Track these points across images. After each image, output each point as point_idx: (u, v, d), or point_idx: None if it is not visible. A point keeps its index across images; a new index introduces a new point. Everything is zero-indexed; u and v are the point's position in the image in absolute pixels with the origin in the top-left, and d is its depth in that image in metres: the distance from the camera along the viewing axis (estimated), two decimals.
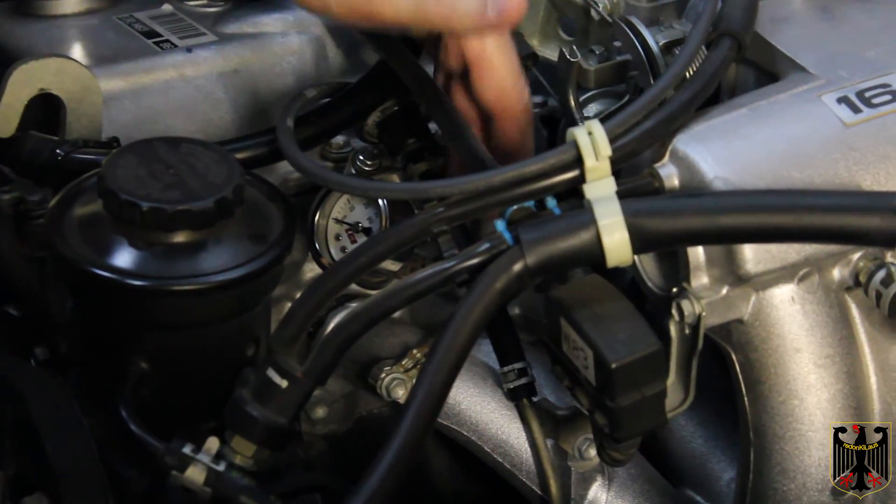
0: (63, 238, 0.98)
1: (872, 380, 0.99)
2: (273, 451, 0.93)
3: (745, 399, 0.99)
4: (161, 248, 0.97)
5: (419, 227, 0.93)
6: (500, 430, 1.15)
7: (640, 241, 0.88)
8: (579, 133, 0.91)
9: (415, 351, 1.16)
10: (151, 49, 1.22)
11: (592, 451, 1.10)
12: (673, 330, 0.93)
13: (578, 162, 0.91)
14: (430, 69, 1.14)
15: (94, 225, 0.98)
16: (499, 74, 1.06)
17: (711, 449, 1.18)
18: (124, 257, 0.96)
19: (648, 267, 0.97)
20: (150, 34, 1.24)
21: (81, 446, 0.94)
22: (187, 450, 0.91)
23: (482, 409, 1.15)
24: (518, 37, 1.24)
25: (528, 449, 1.13)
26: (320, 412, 1.24)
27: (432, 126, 1.17)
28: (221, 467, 0.91)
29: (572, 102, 1.13)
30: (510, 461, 1.15)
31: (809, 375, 0.97)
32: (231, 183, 0.98)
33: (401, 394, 1.14)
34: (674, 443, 1.19)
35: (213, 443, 0.92)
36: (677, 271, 0.95)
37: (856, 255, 0.97)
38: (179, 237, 0.97)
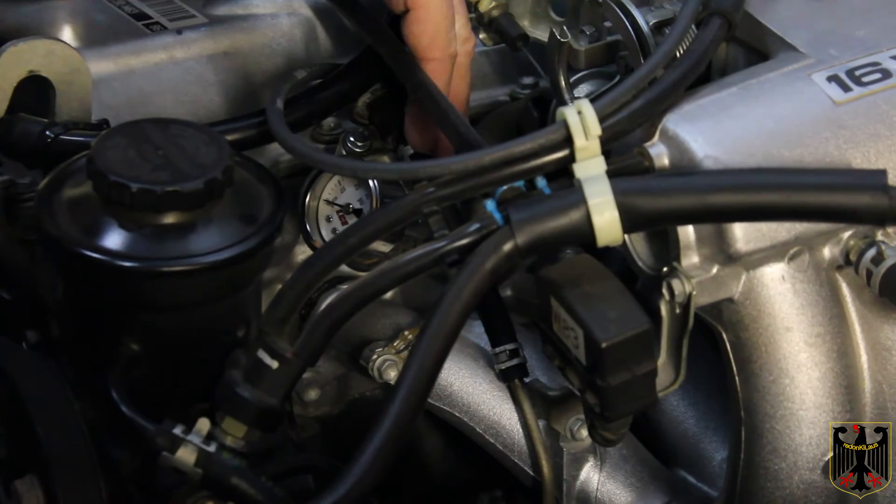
0: (53, 220, 0.97)
1: (863, 358, 0.99)
2: (264, 432, 0.93)
3: (736, 378, 0.99)
4: (151, 230, 0.97)
5: (409, 208, 0.93)
6: (492, 410, 1.15)
7: (631, 221, 0.88)
8: (569, 112, 0.91)
9: (406, 332, 1.16)
10: (141, 31, 1.22)
11: (584, 432, 1.10)
12: (663, 309, 0.93)
13: (568, 141, 0.91)
14: None
15: (84, 206, 0.98)
16: (434, 20, 1.09)
17: (703, 429, 1.18)
18: (114, 238, 0.96)
19: (639, 246, 0.97)
20: (140, 16, 1.24)
21: (72, 428, 0.93)
22: (178, 431, 0.91)
23: (474, 391, 1.15)
24: (509, 17, 1.24)
25: (520, 430, 1.13)
26: (312, 394, 1.24)
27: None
28: (212, 448, 0.91)
29: (563, 83, 1.12)
30: (502, 442, 1.14)
31: (800, 354, 0.97)
32: (221, 164, 0.98)
33: (392, 375, 1.14)
34: (666, 423, 1.19)
35: (203, 424, 0.92)
36: (668, 250, 0.95)
37: (846, 234, 0.96)
38: (169, 218, 0.97)
